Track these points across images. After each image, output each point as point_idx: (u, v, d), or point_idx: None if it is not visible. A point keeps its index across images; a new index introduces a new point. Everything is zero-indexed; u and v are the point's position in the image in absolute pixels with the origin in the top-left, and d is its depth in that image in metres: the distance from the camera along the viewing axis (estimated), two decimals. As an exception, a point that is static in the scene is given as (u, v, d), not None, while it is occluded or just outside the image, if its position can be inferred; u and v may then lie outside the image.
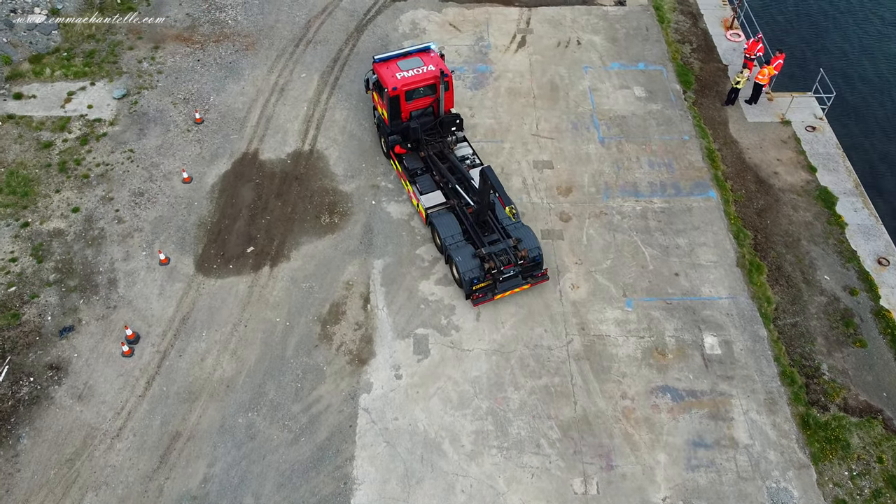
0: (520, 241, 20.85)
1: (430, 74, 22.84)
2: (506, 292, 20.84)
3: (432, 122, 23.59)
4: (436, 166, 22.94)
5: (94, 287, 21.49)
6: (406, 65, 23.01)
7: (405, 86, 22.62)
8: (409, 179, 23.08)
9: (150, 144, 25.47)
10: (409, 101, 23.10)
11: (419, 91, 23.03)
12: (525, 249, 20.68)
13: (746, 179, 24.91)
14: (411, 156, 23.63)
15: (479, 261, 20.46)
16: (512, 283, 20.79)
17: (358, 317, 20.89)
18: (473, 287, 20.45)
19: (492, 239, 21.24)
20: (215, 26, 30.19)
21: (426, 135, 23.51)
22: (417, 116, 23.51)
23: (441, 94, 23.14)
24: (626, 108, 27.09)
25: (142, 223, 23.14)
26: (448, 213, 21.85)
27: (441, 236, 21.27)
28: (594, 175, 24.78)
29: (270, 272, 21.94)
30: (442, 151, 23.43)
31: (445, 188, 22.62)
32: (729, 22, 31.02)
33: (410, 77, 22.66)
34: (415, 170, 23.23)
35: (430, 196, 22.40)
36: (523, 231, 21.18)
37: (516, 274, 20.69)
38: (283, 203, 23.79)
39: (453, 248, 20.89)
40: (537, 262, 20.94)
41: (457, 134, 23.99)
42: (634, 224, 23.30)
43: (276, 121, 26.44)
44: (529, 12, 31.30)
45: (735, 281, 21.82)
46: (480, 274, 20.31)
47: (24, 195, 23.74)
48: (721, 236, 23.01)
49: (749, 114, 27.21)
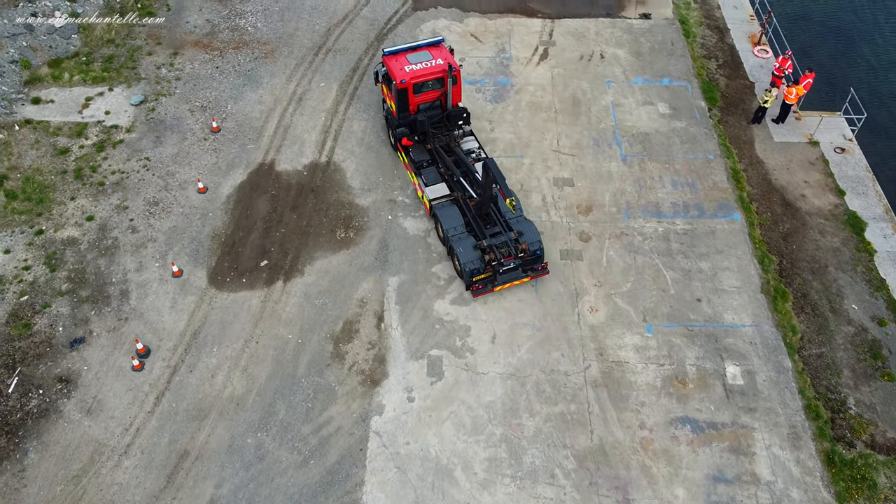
0: (521, 234, 21.07)
1: (439, 68, 22.95)
2: (505, 284, 21.08)
3: (440, 116, 23.76)
4: (441, 159, 23.07)
5: (106, 298, 21.27)
6: (415, 58, 23.16)
7: (413, 78, 22.77)
8: (415, 171, 23.37)
9: (166, 152, 25.26)
10: (417, 93, 23.30)
11: (427, 84, 23.21)
12: (526, 242, 20.88)
13: (772, 202, 24.27)
14: (418, 148, 23.86)
15: (480, 252, 20.74)
16: (512, 275, 21.07)
17: (371, 336, 20.51)
18: (473, 278, 20.74)
19: (493, 231, 21.46)
20: (235, 33, 29.97)
21: (433, 128, 23.67)
22: (425, 109, 23.68)
23: (449, 88, 23.27)
24: (650, 125, 26.52)
25: (156, 233, 22.90)
26: (451, 205, 22.09)
27: (444, 227, 21.56)
28: (615, 194, 24.25)
29: (284, 287, 21.61)
30: (448, 144, 23.54)
31: (450, 181, 22.81)
32: (756, 37, 30.35)
33: (419, 70, 22.82)
34: (421, 162, 23.47)
35: (434, 188, 22.68)
36: (525, 224, 21.40)
37: (516, 266, 20.99)
38: (298, 216, 23.47)
39: (455, 239, 21.17)
40: (538, 256, 21.17)
41: (464, 128, 24.08)
42: (656, 246, 22.75)
43: (294, 131, 26.14)
44: (552, 24, 30.81)
45: (759, 308, 21.21)
46: (481, 265, 20.61)
47: (39, 202, 23.59)
48: (745, 261, 22.40)
49: (776, 133, 26.55)
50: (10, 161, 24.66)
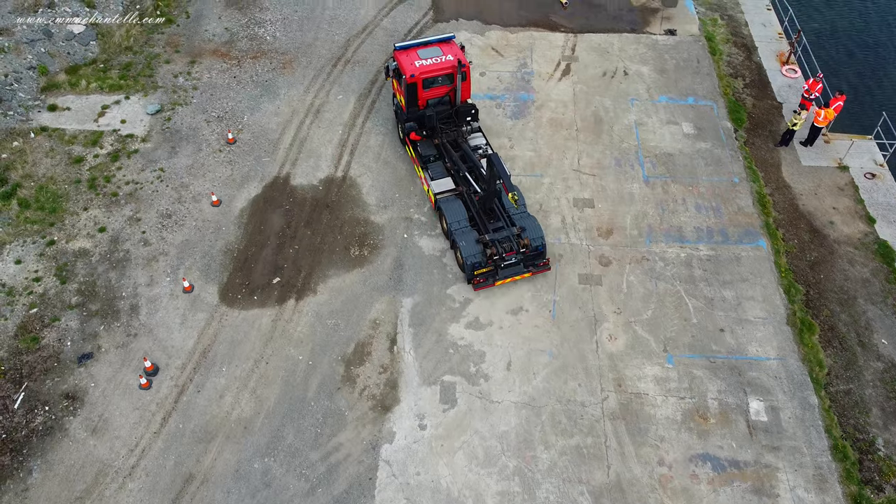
0: (524, 229, 21.16)
1: (448, 64, 23.02)
2: (507, 279, 21.19)
3: (448, 111, 23.84)
4: (448, 154, 23.16)
5: (115, 313, 20.94)
6: (425, 53, 23.33)
7: (423, 73, 22.87)
8: (422, 165, 23.50)
9: (180, 164, 24.94)
10: (427, 88, 23.39)
11: (437, 80, 23.28)
12: (528, 238, 20.95)
13: (799, 228, 23.54)
14: (426, 143, 23.98)
15: (482, 246, 20.83)
16: (513, 270, 21.19)
17: (383, 359, 20.02)
18: (475, 272, 20.85)
19: (496, 226, 21.58)
20: (253, 42, 29.66)
21: (441, 123, 23.76)
22: (434, 104, 23.72)
23: (458, 84, 23.32)
24: (674, 146, 25.87)
25: (168, 247, 22.57)
26: (456, 200, 22.24)
27: (447, 221, 21.68)
28: (637, 217, 23.62)
29: (296, 306, 21.18)
30: (456, 140, 23.57)
31: (456, 175, 22.92)
32: (785, 56, 29.60)
33: (428, 65, 22.94)
34: (428, 156, 23.66)
35: (440, 182, 22.81)
36: (528, 221, 21.49)
37: (518, 262, 21.10)
38: (312, 232, 23.04)
39: (458, 233, 21.29)
40: (540, 252, 21.22)
41: (472, 124, 24.10)
42: (678, 272, 22.09)
43: (310, 144, 25.74)
44: (575, 38, 30.23)
45: (784, 340, 20.49)
46: (482, 259, 20.73)
47: (52, 211, 23.34)
48: (770, 290, 21.69)
49: (804, 157, 25.81)
50: (24, 169, 24.45)
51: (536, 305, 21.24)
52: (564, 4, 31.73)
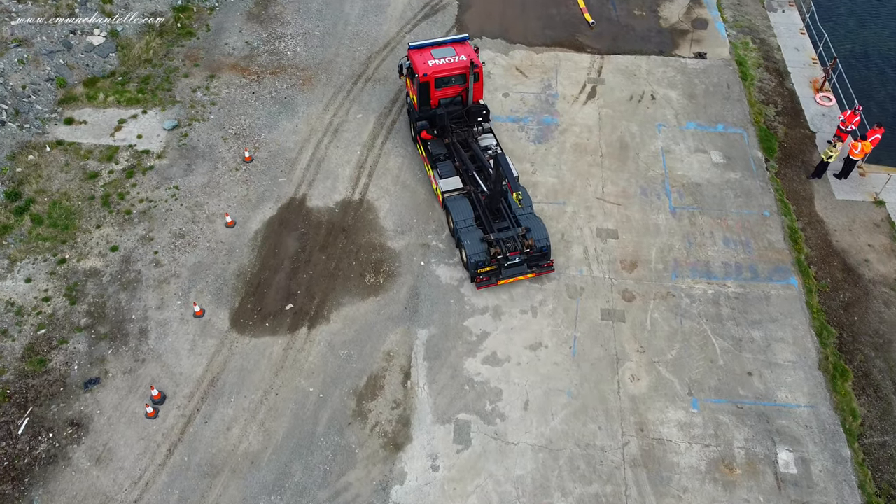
0: (528, 230, 21.21)
1: (461, 64, 23.17)
2: (510, 279, 21.23)
3: (460, 111, 23.93)
4: (458, 153, 23.21)
5: (124, 336, 20.47)
6: (439, 53, 23.47)
7: (435, 73, 23.02)
8: (431, 164, 23.62)
9: (196, 182, 24.50)
10: (439, 88, 23.53)
11: (450, 79, 23.41)
12: (532, 239, 21.00)
13: (832, 266, 22.60)
14: (436, 142, 24.12)
15: (487, 245, 20.94)
16: (516, 270, 21.22)
17: (396, 394, 19.36)
18: (478, 270, 20.95)
19: (502, 226, 21.66)
20: (273, 57, 29.21)
21: (452, 122, 23.85)
22: (446, 104, 23.80)
23: (470, 84, 23.43)
24: (702, 175, 25.02)
25: (180, 268, 22.09)
26: (463, 198, 22.40)
27: (454, 220, 21.85)
28: (662, 249, 22.80)
29: (308, 334, 20.60)
30: (466, 140, 23.60)
31: (465, 175, 23.06)
32: (819, 83, 28.64)
33: (441, 65, 23.08)
34: (438, 155, 23.85)
35: (448, 181, 22.95)
36: (534, 222, 21.56)
37: (522, 262, 21.17)
38: (327, 257, 22.47)
39: (463, 231, 21.42)
40: (544, 253, 21.30)
41: (483, 125, 24.14)
42: (705, 310, 21.25)
43: (328, 164, 25.20)
44: (602, 60, 29.47)
45: (816, 387, 19.59)
46: (486, 258, 20.85)
47: (64, 229, 22.97)
48: (801, 332, 20.79)
49: (837, 190, 24.86)
50: (38, 184, 24.12)
51: (556, 341, 20.50)
52: (591, 24, 31.00)
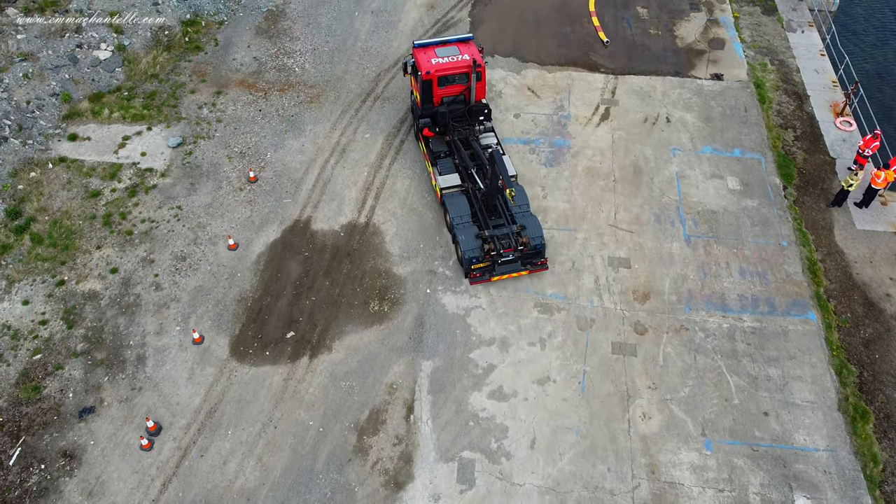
0: (524, 228, 21.43)
1: (464, 63, 23.39)
2: (503, 275, 21.51)
3: (462, 110, 24.09)
4: (458, 151, 23.46)
5: (121, 363, 19.97)
6: (443, 52, 23.66)
7: (438, 71, 23.25)
8: (432, 161, 23.83)
9: (199, 202, 24.02)
10: (442, 86, 23.75)
11: (452, 78, 23.62)
12: (527, 236, 21.21)
13: (853, 300, 21.82)
14: (438, 139, 24.34)
15: (481, 242, 21.15)
16: (510, 267, 21.55)
17: (399, 429, 18.74)
18: (472, 266, 21.14)
19: (497, 223, 21.85)
20: (281, 73, 28.75)
21: (454, 121, 24.03)
22: (448, 103, 23.97)
23: (472, 83, 23.59)
24: (717, 202, 24.30)
25: (180, 292, 21.59)
26: (461, 195, 22.59)
27: (450, 215, 22.04)
28: (676, 280, 22.10)
29: (309, 364, 20.03)
30: (467, 138, 23.85)
31: (464, 172, 23.22)
32: (839, 107, 27.87)
33: (444, 63, 23.31)
34: (439, 152, 24.04)
35: (446, 177, 23.14)
36: (529, 220, 21.77)
37: (515, 259, 21.45)
38: (331, 283, 21.91)
39: (459, 227, 21.64)
40: (538, 251, 21.47)
41: (485, 124, 24.34)
42: (719, 345, 20.52)
43: (334, 186, 24.67)
44: (616, 80, 28.82)
45: (835, 429, 18.81)
46: (480, 254, 21.05)
47: (64, 249, 22.54)
48: (820, 370, 20.02)
49: (858, 219, 24.07)
50: (39, 202, 23.72)
51: (565, 376, 19.83)
52: (606, 43, 30.38)
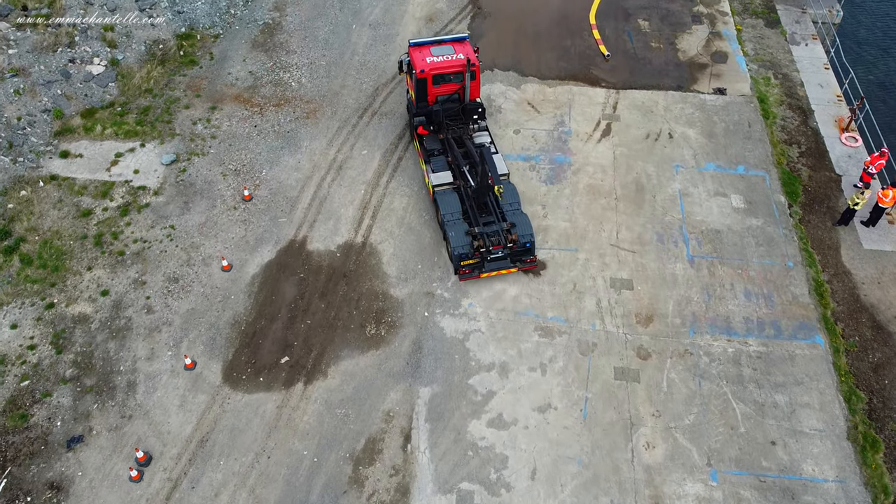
0: (514, 225, 21.54)
1: (458, 62, 23.60)
2: (492, 272, 21.71)
3: (456, 108, 24.21)
4: (451, 149, 23.52)
5: (111, 389, 19.46)
6: (438, 51, 23.91)
7: (433, 70, 23.47)
8: (425, 158, 24.01)
9: (192, 221, 23.54)
10: (437, 85, 23.93)
11: (447, 77, 23.80)
12: (516, 234, 21.30)
13: (860, 323, 21.33)
14: (432, 137, 24.43)
15: (471, 239, 21.28)
16: (499, 264, 21.71)
17: (395, 459, 18.23)
18: (461, 262, 21.30)
19: (487, 220, 21.98)
20: (277, 88, 28.30)
21: (448, 119, 24.17)
22: (443, 101, 24.20)
23: (467, 82, 23.76)
24: (721, 221, 23.82)
25: (172, 315, 21.09)
26: (452, 193, 22.70)
27: (441, 212, 22.21)
28: (680, 302, 21.61)
29: (304, 391, 19.52)
30: (461, 137, 23.86)
31: (456, 170, 23.26)
32: (844, 123, 27.41)
33: (439, 62, 23.55)
34: (432, 150, 24.10)
35: (439, 175, 23.25)
36: (520, 217, 21.85)
37: (504, 256, 21.57)
38: (326, 305, 21.42)
39: (449, 224, 21.78)
40: (527, 249, 21.54)
41: (479, 122, 24.48)
42: (724, 371, 20.02)
43: (330, 204, 24.19)
44: (617, 95, 28.36)
45: (845, 459, 18.30)
46: (469, 251, 21.19)
47: (54, 270, 22.04)
48: (828, 397, 19.52)
49: (865, 238, 23.59)
50: (30, 221, 23.24)
51: (566, 403, 19.32)
52: (607, 57, 29.94)
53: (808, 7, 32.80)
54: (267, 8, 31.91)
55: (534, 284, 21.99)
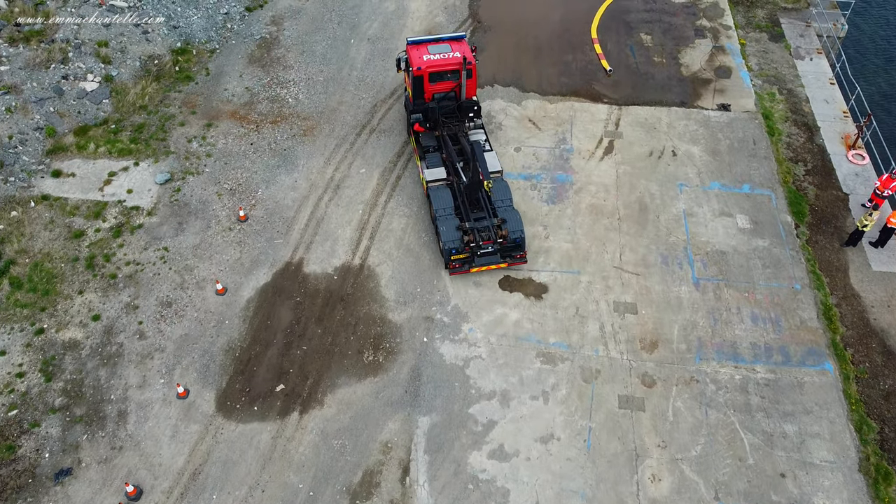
0: (504, 221, 21.79)
1: (454, 60, 23.78)
2: (482, 267, 21.88)
3: (452, 106, 24.49)
4: (446, 146, 23.72)
5: (101, 419, 18.93)
6: (435, 49, 24.11)
7: (429, 67, 23.70)
8: (420, 155, 24.38)
9: (186, 242, 23.04)
10: (433, 82, 24.15)
11: (444, 75, 24.01)
12: (506, 230, 21.59)
13: (870, 349, 20.81)
14: (428, 134, 24.71)
15: (461, 233, 21.55)
16: (489, 259, 21.89)
17: (393, 492, 17.68)
18: (451, 257, 21.56)
19: (478, 216, 22.27)
20: (274, 104, 27.83)
21: (444, 116, 24.41)
22: (440, 99, 24.40)
23: (463, 80, 23.90)
24: (727, 242, 23.32)
25: (165, 341, 20.58)
26: (445, 188, 23.03)
27: (434, 207, 22.47)
28: (685, 327, 21.09)
29: (299, 420, 18.99)
30: (456, 134, 24.04)
31: (450, 167, 23.46)
32: (851, 139, 26.93)
33: (436, 60, 23.76)
34: (428, 147, 24.37)
35: (433, 171, 23.55)
36: (511, 214, 22.15)
37: (494, 251, 21.82)
38: (323, 331, 20.90)
39: (441, 219, 22.07)
40: (517, 245, 21.81)
41: (475, 120, 24.85)
42: (732, 399, 19.49)
43: (327, 225, 23.70)
44: (619, 111, 27.90)
45: (856, 492, 17.76)
46: (460, 245, 21.46)
47: (45, 294, 21.54)
48: (839, 426, 18.98)
49: (874, 260, 23.09)
50: (20, 243, 22.74)
51: (569, 433, 18.79)
52: (609, 72, 29.49)
53: (812, 20, 32.37)
54: (264, 22, 31.50)
55: (536, 308, 21.48)
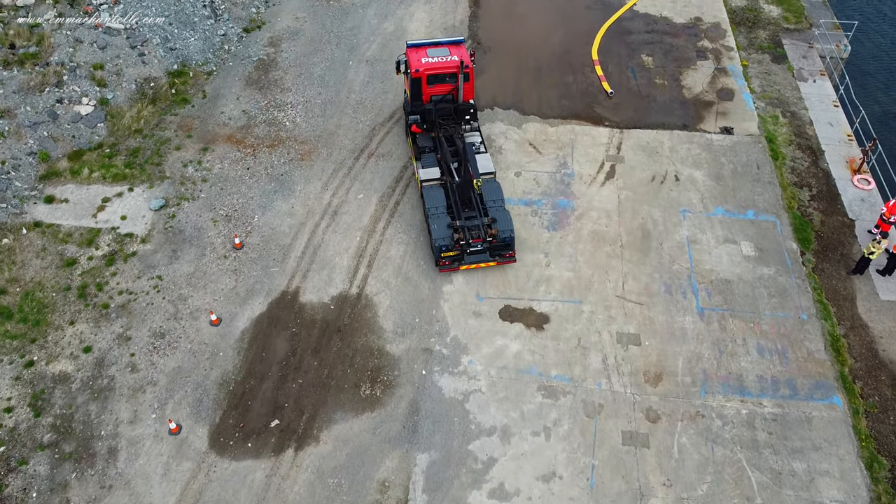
0: (494, 221, 22.26)
1: (452, 63, 24.24)
2: (472, 265, 22.32)
3: (449, 108, 25.02)
4: (441, 147, 24.11)
5: (91, 457, 18.43)
6: (433, 52, 24.52)
7: (427, 70, 24.19)
8: (416, 155, 24.76)
9: (181, 271, 22.61)
10: (431, 85, 24.66)
11: (442, 77, 24.50)
12: (496, 229, 22.06)
13: (880, 381, 20.33)
14: (425, 136, 25.09)
15: (452, 231, 21.97)
16: (479, 257, 22.36)
17: (391, 534, 17.17)
18: (441, 254, 21.98)
19: (469, 215, 22.71)
20: (271, 128, 27.48)
21: (441, 118, 24.88)
22: (437, 101, 24.86)
23: (460, 83, 24.41)
24: (732, 271, 22.89)
25: (157, 374, 20.10)
26: (439, 188, 23.48)
27: (426, 206, 22.90)
28: (690, 359, 20.62)
29: (294, 458, 18.48)
30: (452, 136, 24.50)
31: (445, 167, 23.86)
32: (856, 164, 26.56)
33: (434, 63, 24.19)
34: (424, 148, 24.74)
35: (427, 171, 23.94)
36: (501, 214, 22.62)
37: (484, 250, 22.31)
38: (319, 363, 20.43)
39: (433, 217, 22.53)
40: (507, 244, 22.29)
41: (472, 123, 25.31)
42: (738, 435, 18.99)
43: (324, 252, 23.27)
44: (621, 135, 27.53)
45: (868, 534, 17.25)
46: (450, 243, 21.92)
47: (35, 324, 21.09)
48: (849, 463, 18.48)
49: (882, 289, 22.65)
50: (11, 272, 22.31)
51: (572, 471, 18.28)
52: (610, 94, 29.16)
53: (815, 41, 32.09)
54: (262, 43, 31.21)
55: (537, 340, 21.02)
